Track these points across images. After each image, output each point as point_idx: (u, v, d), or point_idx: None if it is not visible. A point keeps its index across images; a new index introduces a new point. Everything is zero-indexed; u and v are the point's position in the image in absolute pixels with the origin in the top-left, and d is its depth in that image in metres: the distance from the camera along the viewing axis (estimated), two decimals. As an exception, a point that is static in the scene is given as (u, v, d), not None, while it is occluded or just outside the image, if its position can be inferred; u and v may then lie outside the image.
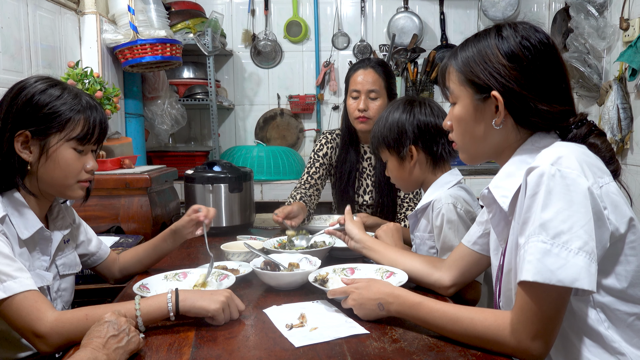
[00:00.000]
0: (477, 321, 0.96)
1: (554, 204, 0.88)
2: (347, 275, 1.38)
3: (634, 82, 2.91)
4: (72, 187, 1.23)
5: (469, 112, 1.07)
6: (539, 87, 0.99)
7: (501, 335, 0.93)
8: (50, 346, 1.05)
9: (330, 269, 1.38)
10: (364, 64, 2.11)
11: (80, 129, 1.19)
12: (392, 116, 1.54)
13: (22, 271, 1.07)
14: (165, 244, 1.51)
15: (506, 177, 1.04)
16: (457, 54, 1.08)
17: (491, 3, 3.48)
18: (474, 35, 1.08)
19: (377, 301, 1.09)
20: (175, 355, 0.98)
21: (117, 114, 2.62)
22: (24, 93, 1.16)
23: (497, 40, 1.02)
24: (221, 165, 2.14)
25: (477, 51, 1.04)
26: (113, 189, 2.05)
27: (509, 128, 1.04)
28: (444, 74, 1.13)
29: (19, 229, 1.16)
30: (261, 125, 3.64)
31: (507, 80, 0.99)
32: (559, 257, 0.86)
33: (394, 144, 1.53)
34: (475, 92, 1.04)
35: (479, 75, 1.02)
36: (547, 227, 0.87)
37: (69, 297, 1.34)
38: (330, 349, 0.99)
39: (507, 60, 1.00)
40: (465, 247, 1.29)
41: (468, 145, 1.11)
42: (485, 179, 3.10)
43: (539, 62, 1.00)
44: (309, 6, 3.60)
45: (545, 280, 0.86)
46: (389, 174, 1.62)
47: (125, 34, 2.57)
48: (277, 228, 2.12)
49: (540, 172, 0.90)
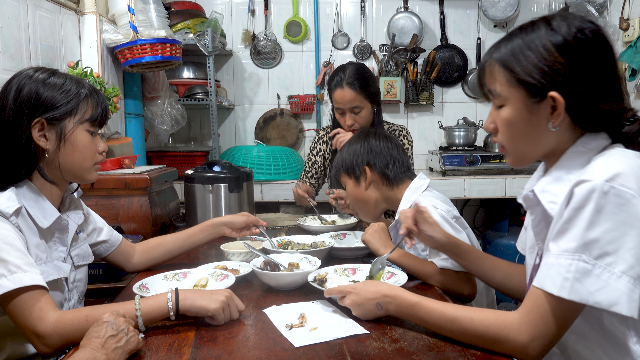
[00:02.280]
0: (477, 320, 0.95)
1: (602, 223, 0.83)
2: (348, 275, 1.39)
3: (633, 82, 2.91)
4: (90, 170, 1.27)
5: (522, 115, 0.96)
6: (599, 83, 0.92)
7: (502, 334, 0.92)
8: (49, 347, 1.05)
9: (332, 269, 1.39)
10: (338, 83, 2.16)
11: (92, 111, 1.24)
12: (349, 146, 1.70)
13: (32, 266, 1.08)
14: (202, 234, 1.57)
15: (554, 181, 0.98)
16: (500, 51, 0.97)
17: (491, 3, 3.48)
18: (518, 29, 0.97)
19: (375, 301, 1.08)
20: (175, 355, 0.98)
21: (117, 114, 2.62)
22: (28, 85, 1.17)
23: (549, 33, 0.92)
24: (221, 165, 2.14)
25: (527, 47, 0.94)
26: (113, 189, 2.05)
27: (564, 129, 0.96)
28: (484, 74, 1.02)
29: (37, 219, 1.17)
30: (261, 125, 3.64)
31: (566, 78, 0.91)
32: (599, 279, 0.83)
33: (350, 166, 1.66)
34: (529, 94, 0.95)
35: (532, 75, 0.93)
36: (591, 247, 0.84)
37: (83, 288, 1.35)
38: (330, 349, 0.99)
39: (563, 56, 0.91)
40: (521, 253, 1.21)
41: (519, 148, 1.02)
42: (484, 179, 3.09)
43: (596, 55, 0.92)
44: (309, 6, 3.59)
45: (582, 300, 0.84)
46: (349, 200, 1.75)
47: (125, 34, 2.57)
48: (277, 228, 2.12)
49: (591, 188, 0.84)
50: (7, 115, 1.16)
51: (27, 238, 1.14)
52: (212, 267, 1.45)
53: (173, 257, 1.57)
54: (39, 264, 1.15)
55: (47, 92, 1.17)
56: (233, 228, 1.59)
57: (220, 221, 1.59)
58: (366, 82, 2.15)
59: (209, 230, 1.58)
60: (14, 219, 1.11)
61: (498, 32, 3.60)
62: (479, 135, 3.39)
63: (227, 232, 1.59)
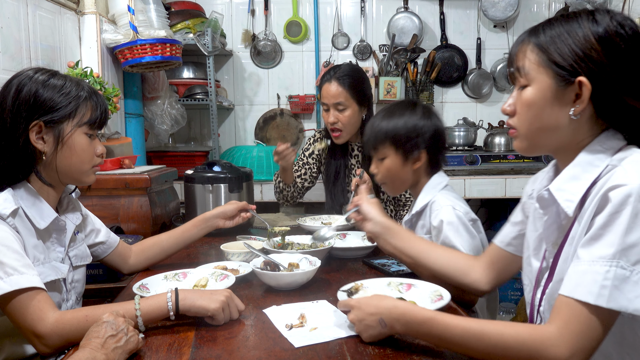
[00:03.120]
0: (509, 336, 0.87)
1: (639, 228, 0.82)
2: (401, 292, 1.23)
3: (634, 82, 2.91)
4: (87, 173, 1.26)
5: (546, 97, 0.95)
6: (629, 79, 0.91)
7: (539, 350, 0.86)
8: (49, 347, 1.05)
9: (385, 281, 1.25)
10: (328, 76, 2.10)
11: (90, 114, 1.23)
12: (409, 117, 1.52)
13: (30, 268, 1.07)
14: (195, 229, 1.57)
15: (571, 179, 0.95)
16: (539, 32, 0.97)
17: (491, 3, 3.48)
18: (561, 16, 0.97)
19: (377, 316, 0.99)
20: (175, 355, 0.97)
21: (117, 114, 2.62)
22: (27, 86, 1.16)
23: (591, 23, 0.92)
24: (221, 166, 2.14)
25: (566, 31, 0.93)
26: (113, 189, 2.05)
27: (584, 121, 0.94)
28: (516, 53, 1.00)
29: (34, 219, 1.17)
30: (261, 125, 3.64)
31: (598, 66, 0.90)
32: (637, 286, 0.81)
33: (405, 143, 1.50)
34: (557, 75, 0.93)
35: (565, 57, 0.92)
36: (629, 252, 0.82)
37: (81, 289, 1.35)
38: (330, 349, 0.99)
39: (601, 45, 0.90)
40: (499, 247, 1.23)
41: (534, 133, 0.99)
42: (484, 179, 3.09)
43: (632, 52, 0.91)
44: (308, 6, 3.59)
45: (621, 308, 0.82)
46: (382, 171, 1.57)
47: (125, 34, 2.57)
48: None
49: (628, 192, 0.83)
50: (5, 116, 1.15)
51: (24, 239, 1.13)
52: (212, 267, 1.44)
53: (169, 256, 1.58)
54: (37, 265, 1.15)
55: (45, 94, 1.17)
56: (226, 217, 1.60)
57: (212, 214, 1.60)
58: (356, 81, 2.08)
59: (201, 225, 1.58)
60: (10, 220, 1.11)
61: (498, 32, 3.60)
62: (479, 135, 3.39)
63: (220, 224, 1.60)
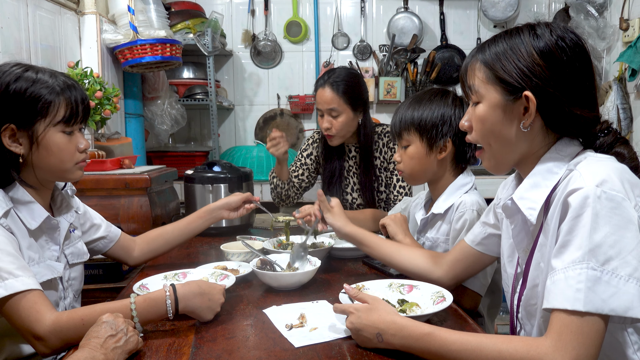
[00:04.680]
0: (506, 353, 0.85)
1: (601, 227, 0.83)
2: (402, 293, 1.23)
3: (633, 82, 2.91)
4: (71, 170, 1.22)
5: (495, 113, 0.99)
6: (573, 90, 0.95)
7: None
8: (49, 348, 1.04)
9: (386, 282, 1.26)
10: (322, 82, 2.05)
11: (64, 111, 1.16)
12: (438, 105, 1.48)
13: (25, 270, 1.07)
14: (200, 221, 1.57)
15: (531, 187, 0.98)
16: (484, 50, 1.01)
17: (491, 3, 3.48)
18: (504, 32, 1.02)
19: (375, 330, 0.97)
20: (175, 356, 0.97)
21: (117, 114, 2.62)
22: None
23: (532, 39, 0.96)
24: (221, 166, 2.14)
25: (510, 48, 0.97)
26: (113, 189, 2.05)
27: (536, 132, 0.99)
28: (466, 71, 1.05)
29: (26, 220, 1.16)
30: (261, 125, 3.64)
31: (542, 80, 0.94)
32: (609, 285, 0.81)
33: (432, 130, 1.46)
34: (505, 91, 0.97)
35: (510, 74, 0.96)
36: (596, 252, 0.82)
37: (79, 286, 1.35)
38: (330, 349, 0.99)
39: (543, 60, 0.94)
40: (469, 245, 1.28)
41: (494, 150, 1.03)
42: (484, 179, 3.09)
43: (574, 63, 0.95)
44: (308, 6, 3.60)
45: (597, 310, 0.81)
46: (405, 159, 1.53)
47: (125, 34, 2.57)
48: (276, 229, 2.11)
49: (585, 194, 0.84)
50: None
51: (18, 239, 1.13)
52: (212, 267, 1.45)
53: (174, 247, 1.58)
54: (32, 265, 1.14)
55: (14, 95, 1.11)
56: (230, 209, 1.60)
57: (216, 205, 1.60)
58: (351, 87, 2.03)
59: (206, 216, 1.58)
60: (3, 220, 1.10)
61: (498, 32, 3.60)
62: (479, 135, 3.39)
63: (225, 215, 1.60)
